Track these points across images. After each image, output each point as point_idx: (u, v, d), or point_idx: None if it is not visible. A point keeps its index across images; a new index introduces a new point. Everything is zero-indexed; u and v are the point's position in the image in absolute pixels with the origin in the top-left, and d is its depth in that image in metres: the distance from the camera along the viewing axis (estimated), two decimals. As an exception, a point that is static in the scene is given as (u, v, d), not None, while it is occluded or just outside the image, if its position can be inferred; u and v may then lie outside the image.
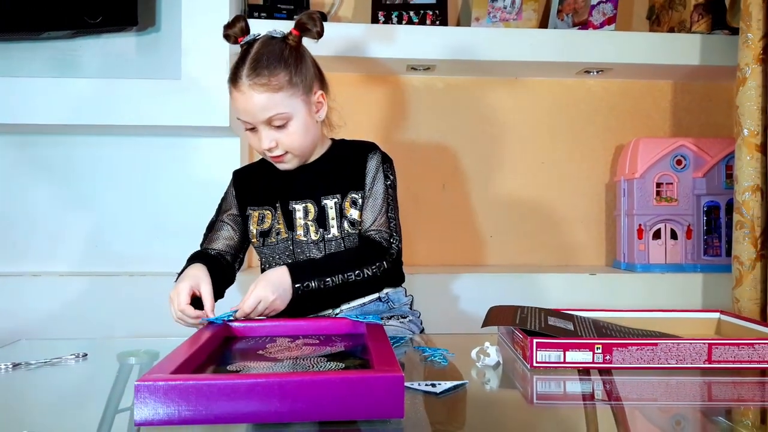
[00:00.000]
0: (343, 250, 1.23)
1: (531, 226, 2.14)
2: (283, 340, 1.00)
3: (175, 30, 1.78)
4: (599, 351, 0.91)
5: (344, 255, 1.21)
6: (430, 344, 1.11)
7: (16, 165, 1.89)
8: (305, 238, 1.24)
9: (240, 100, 1.16)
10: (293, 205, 1.25)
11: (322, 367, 0.81)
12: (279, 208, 1.26)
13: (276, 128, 1.18)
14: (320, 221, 1.23)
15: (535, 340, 0.91)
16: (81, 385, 0.93)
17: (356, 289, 1.23)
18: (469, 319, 1.75)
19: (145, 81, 1.74)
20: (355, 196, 1.24)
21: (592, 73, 2.06)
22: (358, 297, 1.25)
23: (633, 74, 2.08)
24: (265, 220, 1.27)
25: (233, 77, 1.17)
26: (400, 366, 0.70)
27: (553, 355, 0.91)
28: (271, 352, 0.91)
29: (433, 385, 0.82)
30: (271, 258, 1.27)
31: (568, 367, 0.91)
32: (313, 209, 1.24)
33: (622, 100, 2.15)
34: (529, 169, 2.14)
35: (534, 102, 2.13)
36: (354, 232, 1.23)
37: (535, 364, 0.91)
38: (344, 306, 1.25)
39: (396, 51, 1.86)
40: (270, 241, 1.26)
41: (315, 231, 1.24)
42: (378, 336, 0.91)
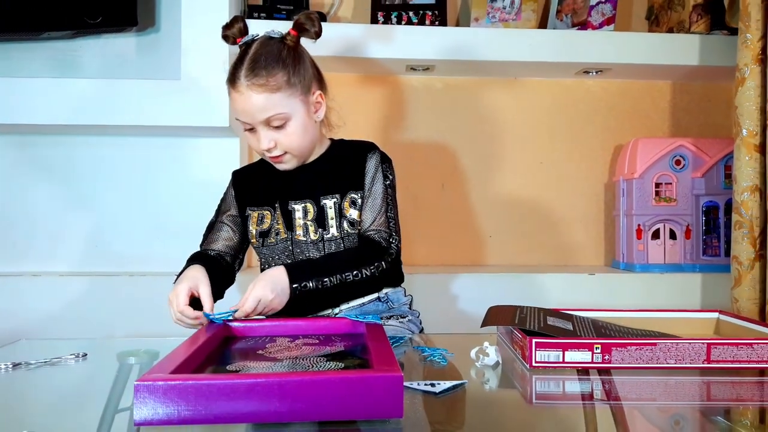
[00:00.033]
0: (342, 250, 1.23)
1: (530, 226, 2.14)
2: (282, 339, 1.00)
3: (175, 30, 1.78)
4: (598, 351, 0.91)
5: (343, 255, 1.21)
6: (429, 344, 1.12)
7: (16, 165, 1.89)
8: (304, 238, 1.24)
9: (238, 101, 1.16)
10: (292, 205, 1.25)
11: (321, 366, 0.82)
12: (278, 209, 1.26)
13: (275, 128, 1.18)
14: (319, 221, 1.24)
15: (534, 340, 0.92)
16: (81, 385, 0.93)
17: (355, 289, 1.23)
18: (468, 319, 1.75)
19: (145, 81, 1.75)
20: (355, 196, 1.24)
21: (591, 73, 2.06)
22: (357, 297, 1.26)
23: (632, 74, 2.08)
24: (265, 221, 1.27)
25: (231, 78, 1.17)
26: (400, 366, 0.70)
27: (552, 355, 0.91)
28: (271, 352, 0.91)
29: (432, 385, 0.82)
30: (271, 258, 1.27)
31: (568, 366, 0.92)
32: (312, 209, 1.24)
33: (621, 101, 2.15)
34: (529, 169, 2.14)
35: (533, 102, 2.13)
36: (353, 232, 1.23)
37: (534, 364, 0.92)
38: (344, 306, 1.25)
39: (395, 51, 1.86)
40: (269, 241, 1.26)
41: (314, 231, 1.24)
42: (377, 336, 0.91)
